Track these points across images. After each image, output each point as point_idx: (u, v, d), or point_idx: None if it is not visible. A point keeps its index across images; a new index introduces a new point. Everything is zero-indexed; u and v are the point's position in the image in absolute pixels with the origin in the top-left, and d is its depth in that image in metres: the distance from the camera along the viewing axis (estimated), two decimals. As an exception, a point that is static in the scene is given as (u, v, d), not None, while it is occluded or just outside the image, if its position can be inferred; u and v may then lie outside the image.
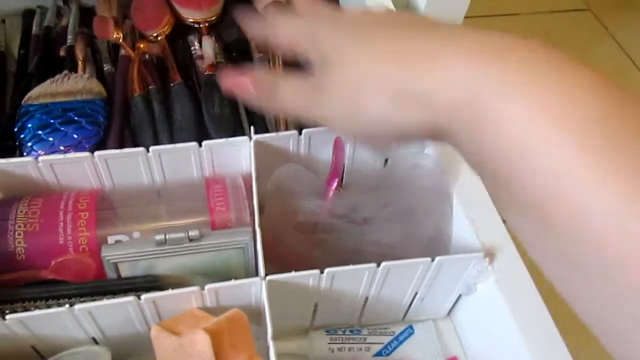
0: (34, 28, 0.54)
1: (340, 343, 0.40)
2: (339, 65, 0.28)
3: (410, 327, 0.42)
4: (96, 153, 0.38)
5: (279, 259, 0.40)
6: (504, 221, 0.39)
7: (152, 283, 0.35)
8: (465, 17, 0.63)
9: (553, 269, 0.23)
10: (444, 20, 0.31)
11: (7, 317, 0.31)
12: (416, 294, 0.39)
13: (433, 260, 0.36)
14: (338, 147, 0.40)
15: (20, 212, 0.36)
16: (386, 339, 0.40)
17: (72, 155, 0.38)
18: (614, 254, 0.20)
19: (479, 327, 0.40)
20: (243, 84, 0.32)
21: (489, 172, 0.24)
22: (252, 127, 0.40)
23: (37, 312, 0.32)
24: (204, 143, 0.39)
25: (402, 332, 0.41)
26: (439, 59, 0.24)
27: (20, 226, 0.35)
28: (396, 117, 0.26)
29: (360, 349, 0.40)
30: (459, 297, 0.41)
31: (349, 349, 0.40)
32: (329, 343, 0.40)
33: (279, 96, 0.31)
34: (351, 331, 0.41)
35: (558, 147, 0.21)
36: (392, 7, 0.53)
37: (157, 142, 0.46)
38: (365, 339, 0.40)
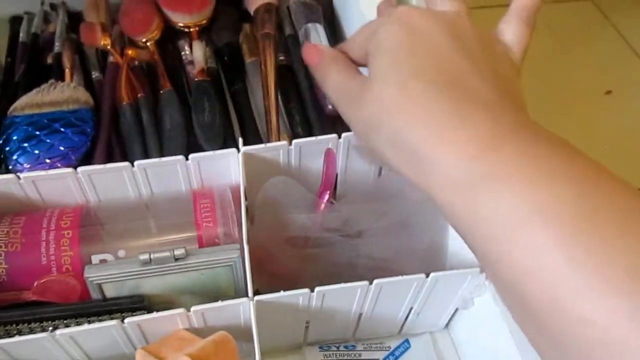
0: (20, 35, 0.53)
1: (334, 359, 0.39)
2: (374, 88, 0.29)
3: (407, 340, 0.41)
4: (79, 169, 0.37)
5: (270, 274, 0.39)
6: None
7: (138, 303, 0.34)
8: (482, 7, 0.61)
9: (533, 338, 0.24)
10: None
11: (-14, 343, 0.30)
12: (411, 308, 0.38)
13: (428, 276, 0.34)
14: (329, 158, 0.39)
15: (2, 231, 0.35)
16: (382, 354, 0.39)
17: (55, 171, 0.37)
18: (595, 334, 0.20)
19: (477, 340, 0.39)
20: (313, 56, 0.36)
21: (469, 244, 0.26)
22: (240, 139, 0.39)
23: (17, 338, 0.31)
24: (191, 156, 0.38)
25: (398, 347, 0.40)
26: (440, 139, 0.26)
27: (1, 246, 0.34)
28: (399, 165, 0.28)
29: (355, 366, 0.39)
30: (456, 310, 0.40)
31: (343, 365, 0.39)
32: (322, 359, 0.39)
33: (325, 81, 0.34)
34: (345, 347, 0.40)
35: (535, 231, 0.22)
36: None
37: (146, 152, 0.45)
38: (360, 355, 0.39)
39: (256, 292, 0.33)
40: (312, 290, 0.34)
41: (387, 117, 0.28)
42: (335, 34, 0.55)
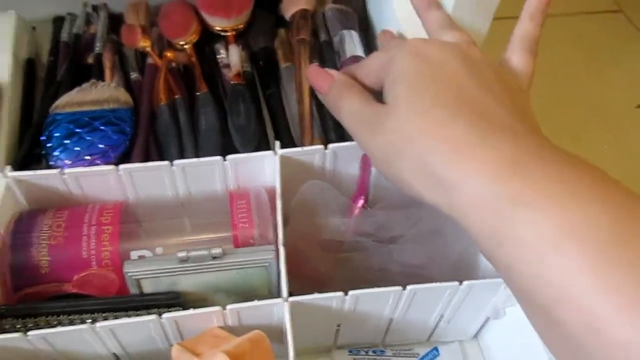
0: (63, 35, 0.54)
1: (363, 364, 0.39)
2: (395, 114, 0.30)
3: (436, 348, 0.41)
4: (121, 166, 0.37)
5: (303, 277, 0.39)
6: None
7: (174, 300, 0.35)
8: (495, 19, 0.61)
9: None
10: (472, 23, 0.32)
11: (30, 333, 0.31)
12: (442, 316, 0.38)
13: (461, 283, 0.35)
14: (365, 164, 0.39)
15: (45, 224, 0.36)
16: (410, 361, 0.40)
17: (97, 168, 0.38)
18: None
19: (507, 351, 0.39)
20: (320, 81, 0.36)
21: (499, 269, 0.27)
22: (277, 142, 0.40)
23: (59, 328, 0.32)
24: (229, 157, 0.39)
25: (427, 354, 0.40)
26: (464, 162, 0.26)
27: (44, 239, 0.35)
28: (420, 189, 0.29)
29: (384, 371, 0.39)
30: (487, 320, 0.40)
31: (372, 370, 0.39)
32: (351, 363, 0.39)
33: (340, 107, 0.34)
34: (374, 351, 0.40)
35: (568, 264, 0.22)
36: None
37: (182, 152, 0.46)
38: (389, 360, 0.39)
39: (289, 294, 0.34)
40: (346, 294, 0.34)
41: (409, 142, 0.29)
42: (369, 42, 0.55)
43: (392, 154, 0.30)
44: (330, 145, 0.39)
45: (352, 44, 0.52)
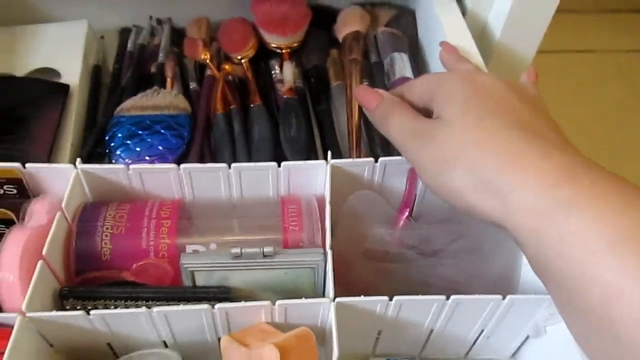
0: (128, 45, 0.58)
1: (400, 373, 0.40)
2: (449, 126, 0.32)
3: (473, 365, 0.41)
4: (182, 165, 0.40)
5: (346, 284, 0.40)
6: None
7: (224, 294, 0.36)
8: (539, 52, 0.62)
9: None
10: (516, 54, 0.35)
11: (92, 312, 0.33)
12: (482, 331, 0.39)
13: (504, 298, 0.35)
14: (412, 177, 0.41)
15: (109, 215, 0.38)
16: (447, 375, 0.40)
17: (160, 165, 0.40)
18: None
19: (545, 373, 0.39)
20: (369, 99, 0.38)
21: (550, 276, 0.27)
22: (329, 152, 0.41)
23: (119, 310, 0.33)
24: (283, 164, 0.40)
25: (464, 370, 0.40)
26: (519, 172, 0.28)
27: (107, 228, 0.38)
28: (471, 197, 0.30)
29: (420, 382, 0.39)
30: (526, 339, 0.40)
31: (409, 380, 0.40)
32: (389, 372, 0.40)
33: (389, 122, 0.36)
34: (412, 362, 0.41)
35: (617, 260, 0.23)
36: (469, 36, 0.53)
37: (235, 159, 0.48)
38: (426, 372, 0.40)
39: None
40: (391, 299, 0.35)
41: (463, 151, 0.30)
42: (418, 65, 0.57)
43: (443, 163, 0.31)
44: (381, 159, 0.41)
45: (402, 66, 0.54)
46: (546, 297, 0.35)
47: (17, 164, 0.38)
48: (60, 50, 0.55)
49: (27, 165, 0.39)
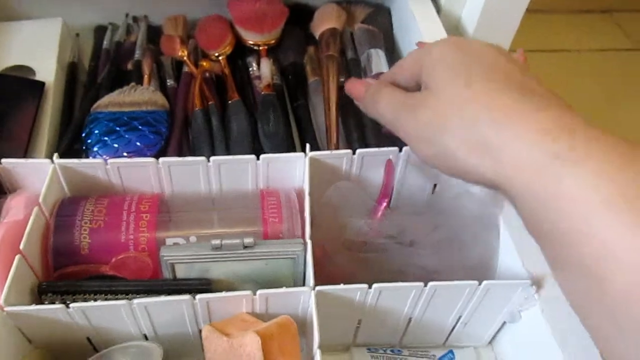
0: (104, 42, 0.57)
1: (380, 362, 0.40)
2: (440, 92, 0.31)
3: (451, 351, 0.42)
4: (161, 159, 0.40)
5: (325, 275, 0.41)
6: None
7: (205, 286, 0.36)
8: (512, 51, 0.64)
9: (601, 329, 0.25)
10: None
11: (71, 305, 0.33)
12: (460, 318, 0.40)
13: (480, 284, 0.36)
14: (389, 168, 0.41)
15: (87, 209, 0.38)
16: (427, 362, 0.41)
17: (139, 159, 0.40)
18: None
19: (522, 358, 0.40)
20: (358, 89, 0.39)
21: (544, 233, 0.27)
22: (308, 145, 0.42)
23: (98, 303, 0.33)
24: (262, 156, 0.41)
25: (443, 356, 0.41)
26: (515, 124, 0.27)
27: (86, 222, 0.37)
28: (466, 159, 0.29)
29: (401, 369, 0.40)
30: (502, 325, 0.41)
31: (389, 368, 0.40)
32: (369, 361, 0.40)
33: (378, 103, 0.36)
34: (392, 351, 0.41)
35: (618, 220, 0.23)
36: (443, 33, 0.54)
37: (213, 155, 0.48)
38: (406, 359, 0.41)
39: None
40: (370, 287, 0.35)
41: (456, 113, 0.30)
42: (394, 61, 0.58)
43: (436, 130, 0.31)
44: (359, 151, 0.41)
45: (378, 62, 0.55)
46: (521, 282, 0.36)
47: (-8, 160, 0.38)
48: (35, 48, 0.54)
49: (2, 160, 0.38)
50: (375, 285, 0.35)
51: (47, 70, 0.52)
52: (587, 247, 0.24)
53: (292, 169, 0.42)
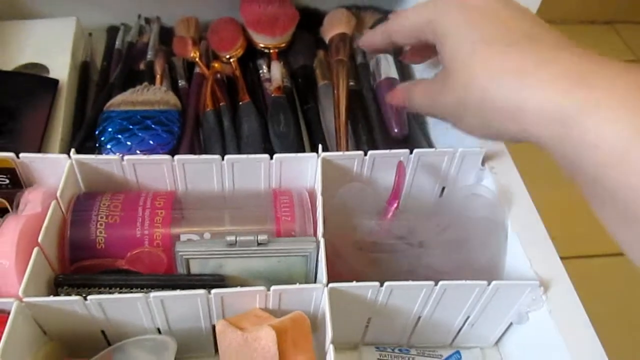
0: (117, 43, 0.58)
1: (389, 360, 0.41)
2: (456, 67, 0.32)
3: (458, 352, 0.42)
4: (176, 157, 0.40)
5: (336, 274, 0.41)
6: (561, 258, 0.40)
7: (218, 282, 0.37)
8: None
9: None
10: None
11: (88, 297, 0.33)
12: (468, 318, 0.40)
13: (489, 284, 0.37)
14: (401, 170, 0.42)
15: (103, 204, 0.39)
16: (434, 361, 0.41)
17: (154, 157, 0.41)
18: None
19: (528, 359, 0.41)
20: (395, 95, 0.41)
21: (582, 178, 0.27)
22: (320, 146, 0.42)
23: (115, 295, 0.34)
24: (275, 156, 0.41)
25: (450, 356, 0.42)
26: (532, 78, 0.28)
27: (102, 217, 0.38)
28: (492, 123, 0.31)
29: (409, 368, 0.41)
30: (509, 326, 0.42)
31: (397, 366, 0.41)
32: (378, 359, 0.41)
33: (412, 99, 0.38)
34: (400, 350, 0.42)
35: None
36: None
37: (224, 154, 0.49)
38: (413, 359, 0.41)
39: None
40: (382, 285, 0.36)
41: (474, 81, 0.31)
42: (402, 65, 0.59)
43: (461, 100, 0.32)
44: (370, 152, 0.42)
45: (387, 66, 0.55)
46: (529, 283, 0.37)
47: (10, 154, 0.39)
48: (49, 46, 0.55)
49: (20, 155, 0.39)
50: (387, 283, 0.36)
51: (60, 69, 0.53)
52: (621, 177, 0.25)
53: (304, 169, 0.43)
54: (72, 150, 0.40)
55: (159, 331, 0.37)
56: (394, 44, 0.40)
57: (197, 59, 0.55)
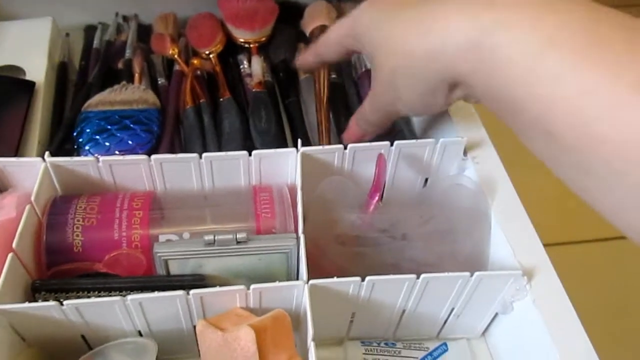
0: (94, 42, 0.57)
1: (375, 354, 0.41)
2: (377, 55, 0.36)
3: (445, 344, 0.42)
4: (153, 156, 0.40)
5: (318, 270, 0.41)
6: (544, 245, 0.39)
7: (199, 282, 0.36)
8: None
9: (569, 177, 0.27)
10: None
11: (65, 302, 0.33)
12: (452, 310, 0.40)
13: (472, 275, 0.36)
14: (381, 163, 0.42)
15: (80, 207, 0.38)
16: (421, 354, 0.41)
17: (130, 157, 0.40)
18: (613, 149, 0.23)
19: (515, 349, 0.40)
20: (349, 133, 0.45)
21: (502, 105, 0.29)
22: (299, 140, 0.42)
23: (92, 299, 0.33)
24: (254, 152, 0.41)
25: (436, 349, 0.41)
26: (440, 17, 0.30)
27: (79, 220, 0.37)
28: (421, 81, 0.33)
29: (395, 362, 0.40)
30: (495, 316, 0.41)
31: (383, 361, 0.40)
32: (363, 354, 0.41)
33: (366, 122, 0.42)
34: (386, 344, 0.41)
35: (550, 61, 0.25)
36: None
37: (205, 152, 0.48)
38: (399, 352, 0.41)
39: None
40: (363, 280, 0.36)
41: (392, 47, 0.34)
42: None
43: (392, 82, 0.36)
44: (350, 145, 0.42)
45: (368, 58, 0.55)
46: (512, 273, 0.37)
47: (-16, 159, 0.38)
48: (25, 48, 0.54)
49: (-6, 159, 0.38)
50: (368, 278, 0.36)
51: (37, 70, 0.52)
52: (536, 100, 0.26)
53: (284, 165, 0.42)
54: (47, 153, 0.39)
55: (140, 334, 0.37)
56: (325, 62, 0.44)
57: (176, 56, 0.55)
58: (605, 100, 0.23)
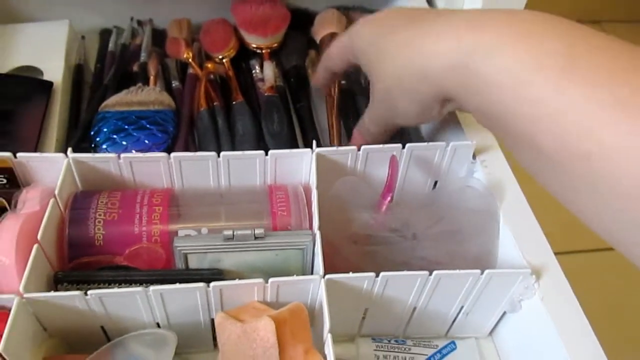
0: (110, 45, 0.59)
1: (385, 351, 0.41)
2: (372, 70, 0.38)
3: (453, 342, 0.43)
4: (172, 154, 0.41)
5: (332, 268, 0.42)
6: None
7: (217, 276, 0.37)
8: None
9: (556, 190, 0.29)
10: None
11: (89, 292, 0.34)
12: (462, 308, 0.41)
13: (482, 272, 0.37)
14: (393, 164, 0.43)
15: (101, 202, 0.39)
16: (430, 351, 0.42)
17: (150, 154, 0.41)
18: (598, 165, 0.24)
19: (523, 348, 0.41)
20: (354, 139, 0.46)
21: (492, 122, 0.31)
22: (314, 141, 0.43)
23: (115, 290, 0.34)
24: (270, 152, 0.42)
25: (445, 346, 0.42)
26: (427, 40, 0.33)
27: (100, 215, 0.38)
28: (413, 94, 0.35)
29: (405, 358, 0.41)
30: (502, 316, 0.42)
31: (394, 357, 0.41)
32: (374, 350, 0.41)
33: (367, 129, 0.44)
34: (396, 341, 0.42)
35: (532, 83, 0.27)
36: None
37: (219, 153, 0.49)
38: (410, 349, 0.42)
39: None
40: (377, 275, 0.37)
41: (386, 64, 0.36)
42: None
43: (389, 95, 0.38)
44: (364, 147, 0.43)
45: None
46: (521, 271, 0.38)
47: (8, 154, 0.39)
48: (43, 49, 0.55)
49: (18, 154, 0.39)
50: (382, 274, 0.37)
51: (54, 71, 0.53)
52: (520, 117, 0.28)
53: (298, 165, 0.43)
54: (69, 149, 0.40)
55: (159, 326, 0.38)
56: (335, 73, 0.46)
57: (190, 60, 0.56)
58: (584, 118, 0.25)
